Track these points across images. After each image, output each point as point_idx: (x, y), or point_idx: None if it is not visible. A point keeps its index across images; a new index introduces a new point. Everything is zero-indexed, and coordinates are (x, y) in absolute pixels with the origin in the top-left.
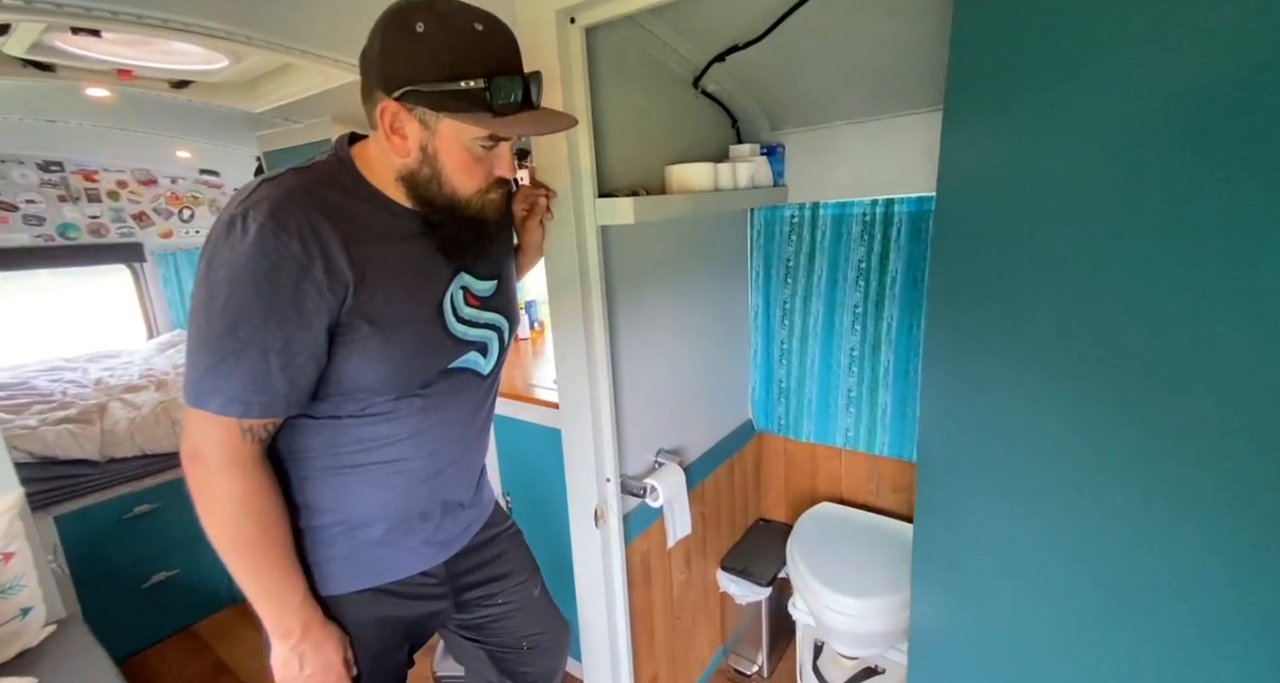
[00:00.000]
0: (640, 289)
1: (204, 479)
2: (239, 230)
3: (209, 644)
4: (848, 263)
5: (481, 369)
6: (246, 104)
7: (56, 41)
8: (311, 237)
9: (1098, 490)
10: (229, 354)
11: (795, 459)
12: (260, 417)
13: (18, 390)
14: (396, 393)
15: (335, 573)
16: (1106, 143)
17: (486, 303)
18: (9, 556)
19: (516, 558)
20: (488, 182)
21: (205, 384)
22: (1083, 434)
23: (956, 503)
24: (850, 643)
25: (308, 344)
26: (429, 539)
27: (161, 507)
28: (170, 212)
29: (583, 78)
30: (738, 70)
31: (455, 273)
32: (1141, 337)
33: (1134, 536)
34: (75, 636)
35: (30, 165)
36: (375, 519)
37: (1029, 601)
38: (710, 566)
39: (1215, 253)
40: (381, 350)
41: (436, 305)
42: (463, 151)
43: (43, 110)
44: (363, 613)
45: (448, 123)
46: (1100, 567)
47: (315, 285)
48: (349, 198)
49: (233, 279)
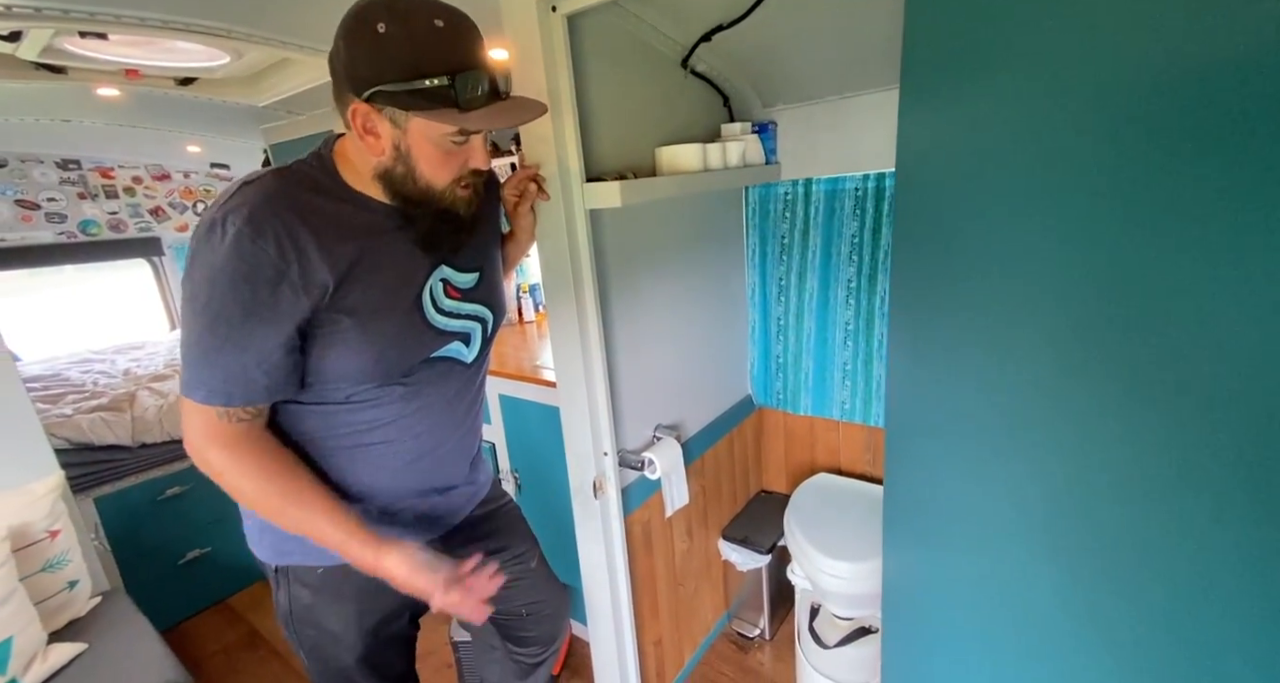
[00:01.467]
0: (635, 270)
1: (208, 465)
2: (219, 234)
3: (243, 616)
4: (841, 238)
5: (465, 358)
6: (250, 98)
7: (66, 45)
8: (288, 240)
9: (1057, 447)
10: (210, 350)
11: (795, 433)
12: (241, 406)
13: (52, 382)
14: (378, 381)
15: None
16: (1047, 114)
17: (468, 294)
18: (55, 533)
19: (513, 533)
20: (461, 174)
21: (191, 377)
22: (1040, 391)
23: (922, 465)
24: (844, 605)
25: (283, 342)
26: (425, 514)
27: (191, 488)
28: (185, 205)
29: (566, 65)
30: (726, 49)
31: (434, 266)
32: (1093, 293)
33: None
34: (120, 607)
35: (49, 164)
36: (370, 497)
37: (994, 556)
38: (712, 536)
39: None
40: (360, 342)
41: (415, 298)
42: (434, 147)
43: (58, 111)
44: (361, 582)
45: (417, 121)
46: (1064, 523)
47: (291, 287)
48: (326, 198)
49: (212, 280)
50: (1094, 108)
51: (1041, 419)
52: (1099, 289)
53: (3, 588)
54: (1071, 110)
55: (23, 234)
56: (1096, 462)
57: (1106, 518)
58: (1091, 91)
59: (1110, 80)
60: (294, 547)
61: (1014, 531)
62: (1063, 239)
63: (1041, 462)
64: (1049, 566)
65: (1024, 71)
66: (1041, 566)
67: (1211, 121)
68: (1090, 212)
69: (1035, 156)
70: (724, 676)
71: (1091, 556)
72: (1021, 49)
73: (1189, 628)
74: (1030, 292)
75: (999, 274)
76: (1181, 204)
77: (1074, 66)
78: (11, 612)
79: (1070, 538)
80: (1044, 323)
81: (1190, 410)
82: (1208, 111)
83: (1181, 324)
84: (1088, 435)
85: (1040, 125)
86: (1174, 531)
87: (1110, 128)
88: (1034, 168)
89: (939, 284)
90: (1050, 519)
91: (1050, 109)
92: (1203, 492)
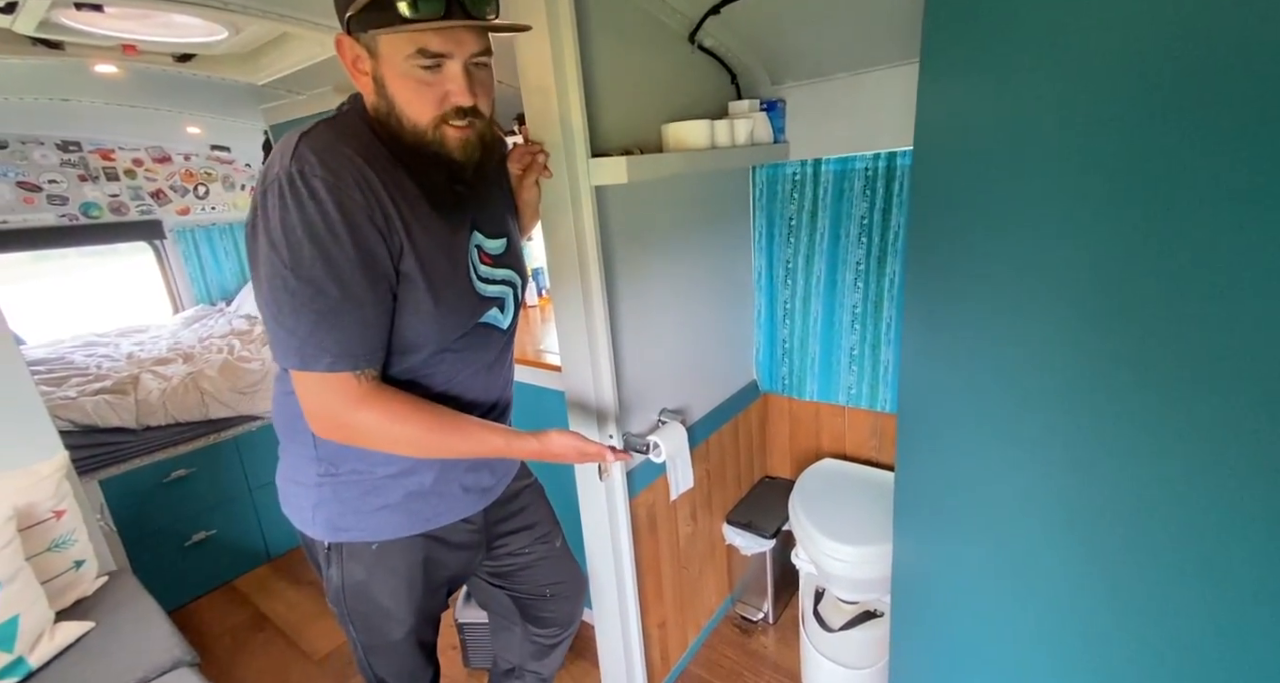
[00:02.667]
0: (641, 251)
1: (355, 431)
2: (302, 189)
3: (248, 597)
4: (850, 220)
5: (501, 324)
6: (249, 76)
7: (62, 18)
8: (366, 185)
9: (1075, 433)
10: (327, 312)
11: (800, 418)
12: (369, 367)
13: (56, 365)
14: (435, 347)
15: (388, 521)
16: (1074, 91)
17: (499, 261)
18: (60, 513)
19: (540, 510)
20: (441, 108)
21: (310, 346)
22: (1054, 376)
23: (935, 449)
24: (848, 588)
25: (389, 288)
26: (470, 487)
27: (197, 471)
28: (186, 189)
29: (572, 38)
30: (734, 23)
31: (470, 233)
32: (1113, 278)
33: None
34: (126, 586)
35: (49, 146)
36: (426, 467)
37: (1008, 543)
38: (716, 520)
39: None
40: (429, 304)
41: (465, 262)
42: (405, 77)
43: (57, 90)
44: (413, 557)
45: (385, 44)
46: (1076, 508)
47: (379, 232)
48: (378, 154)
49: (314, 237)
50: (1123, 85)
51: (1058, 404)
52: (1118, 274)
53: (8, 566)
54: (1100, 87)
55: (24, 217)
56: (1115, 448)
57: (1126, 505)
58: (1121, 67)
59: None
60: (350, 522)
61: (1029, 517)
62: (1084, 223)
63: (1058, 447)
64: (1065, 553)
65: (1050, 45)
66: (1057, 553)
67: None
68: (1112, 195)
69: (1059, 136)
70: (728, 658)
71: (1110, 543)
72: (1048, 22)
73: (1213, 617)
74: (1048, 274)
75: (1017, 256)
76: (1205, 190)
77: (1102, 40)
78: (17, 590)
79: (1088, 525)
80: (1062, 307)
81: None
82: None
83: (1198, 311)
84: (1106, 421)
85: (1066, 103)
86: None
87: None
88: (1058, 148)
89: (955, 266)
90: (1067, 506)
91: (1077, 85)
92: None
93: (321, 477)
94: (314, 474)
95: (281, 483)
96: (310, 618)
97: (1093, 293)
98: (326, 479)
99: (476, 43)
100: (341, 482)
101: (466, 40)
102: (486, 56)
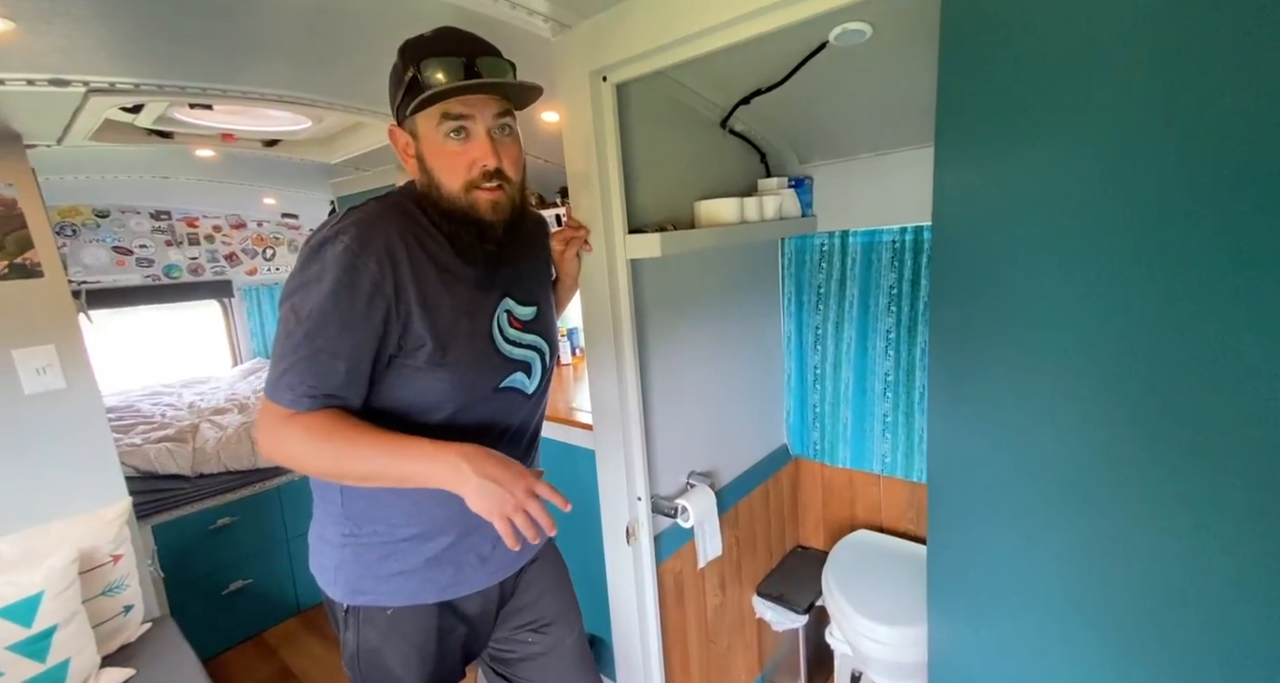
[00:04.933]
0: (673, 317)
1: (276, 447)
2: (329, 250)
3: (276, 651)
4: (879, 289)
5: (526, 389)
6: (324, 157)
7: (177, 114)
8: (386, 258)
9: (1109, 511)
10: (304, 357)
11: (833, 486)
12: (323, 407)
13: (126, 413)
14: (454, 408)
15: (403, 587)
16: (1082, 173)
17: (528, 326)
18: (118, 557)
19: (560, 598)
20: (470, 173)
21: (281, 382)
22: (1089, 453)
23: (968, 527)
24: (887, 673)
25: (372, 351)
26: (488, 557)
27: (240, 520)
28: (255, 251)
29: (614, 129)
30: (763, 111)
31: (500, 298)
32: (1140, 354)
33: (1149, 555)
34: (167, 634)
35: (144, 215)
36: (444, 531)
37: (1045, 626)
38: (746, 591)
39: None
40: (440, 364)
41: (486, 325)
42: (438, 148)
43: (159, 169)
44: (426, 624)
45: (421, 124)
46: (1116, 589)
47: (385, 301)
48: (416, 225)
49: (320, 293)
50: (1123, 165)
51: (1093, 477)
52: (1140, 343)
53: (68, 609)
54: (1101, 166)
55: (115, 277)
56: (1158, 525)
57: (1173, 588)
58: (1120, 149)
59: (1142, 140)
60: (369, 586)
61: (1068, 600)
62: (1100, 293)
63: (1095, 523)
64: (1106, 643)
65: (1053, 132)
66: (1097, 641)
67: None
68: (1119, 265)
69: (1067, 213)
70: None
71: (1156, 633)
72: (1051, 110)
73: None
74: (1072, 345)
75: (1039, 326)
76: (1213, 259)
77: (1101, 125)
78: (72, 634)
79: (1132, 612)
80: (1088, 376)
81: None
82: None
83: (1228, 386)
84: (1145, 495)
85: (1071, 182)
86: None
87: (1142, 186)
88: (1066, 224)
89: (978, 336)
90: (1107, 588)
91: (1080, 165)
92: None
93: (345, 537)
94: (339, 534)
95: (311, 540)
96: (334, 675)
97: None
98: (350, 540)
99: (497, 105)
100: (363, 544)
101: (487, 104)
102: (508, 118)
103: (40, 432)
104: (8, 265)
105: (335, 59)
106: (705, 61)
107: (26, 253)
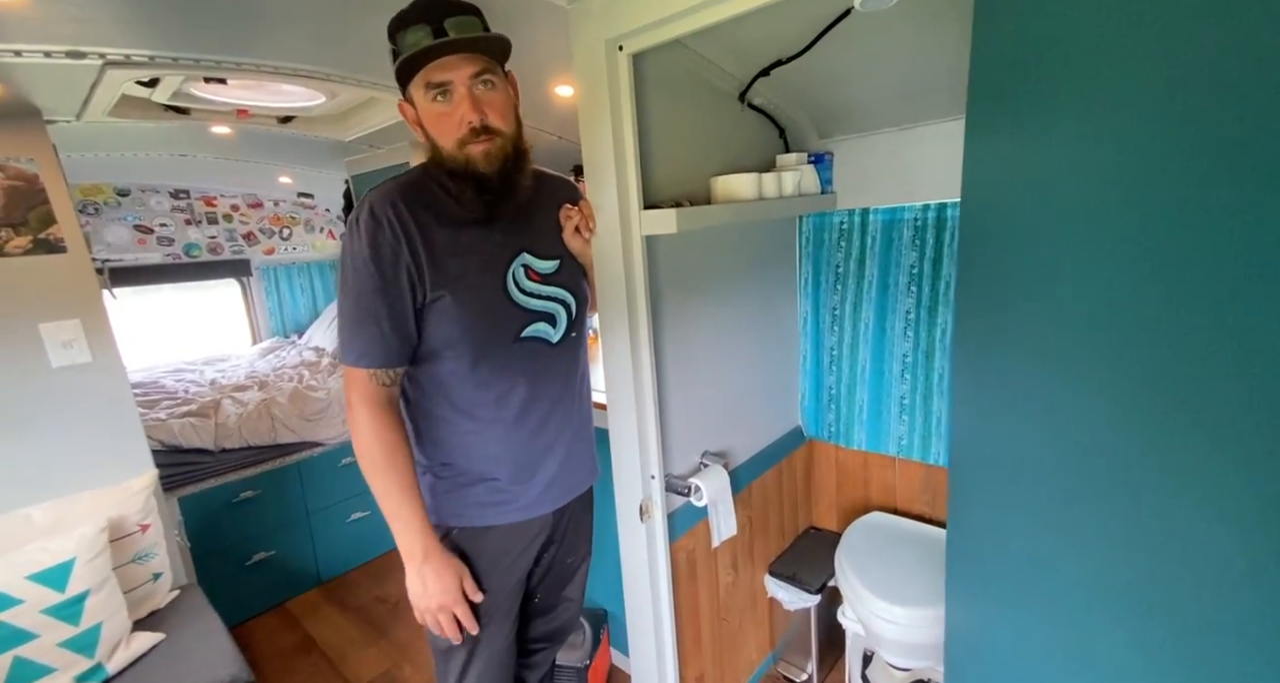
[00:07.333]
0: (688, 295)
1: (351, 416)
2: (355, 230)
3: (299, 621)
4: (899, 268)
5: (550, 337)
6: (338, 133)
7: (192, 89)
8: (399, 226)
9: (1135, 493)
10: (355, 322)
11: (847, 468)
12: (381, 366)
13: (151, 389)
14: (473, 353)
15: (474, 513)
16: (1118, 148)
17: (549, 279)
18: (145, 527)
19: (588, 531)
20: (459, 131)
21: (344, 346)
22: (1116, 435)
23: (989, 509)
24: (900, 653)
25: (406, 308)
26: (547, 487)
27: (263, 493)
28: (273, 231)
29: (629, 100)
30: (783, 83)
31: (516, 253)
32: (1172, 333)
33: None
34: (194, 601)
35: (164, 193)
36: (495, 471)
37: (1070, 614)
38: (758, 571)
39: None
40: (456, 312)
41: (500, 278)
42: (432, 113)
43: (176, 146)
44: (494, 543)
45: (416, 95)
46: (1137, 573)
47: (405, 264)
48: (429, 194)
49: (355, 266)
50: (1162, 136)
51: (1121, 460)
52: (1178, 324)
53: (99, 576)
54: (1146, 139)
55: (137, 255)
56: (1187, 512)
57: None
58: (1159, 120)
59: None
60: (443, 506)
61: (1091, 585)
62: (1140, 269)
63: (1122, 508)
64: (1131, 630)
65: (1092, 101)
66: (1123, 629)
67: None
68: (1162, 238)
69: (1103, 187)
70: None
71: (1184, 622)
72: (1089, 79)
73: None
74: (1102, 325)
75: (1070, 306)
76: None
77: (1143, 95)
78: (103, 598)
79: (1159, 601)
80: (1119, 358)
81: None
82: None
83: (1270, 365)
84: (1178, 482)
85: (1108, 154)
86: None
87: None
88: (1101, 199)
89: (1006, 316)
90: (1133, 574)
91: (1122, 136)
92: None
93: (421, 467)
94: (421, 464)
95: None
96: (355, 645)
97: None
98: (423, 470)
99: (472, 65)
100: (434, 475)
101: (462, 65)
102: (488, 74)
103: (68, 405)
104: (32, 240)
105: (346, 32)
106: (724, 30)
107: (50, 228)
